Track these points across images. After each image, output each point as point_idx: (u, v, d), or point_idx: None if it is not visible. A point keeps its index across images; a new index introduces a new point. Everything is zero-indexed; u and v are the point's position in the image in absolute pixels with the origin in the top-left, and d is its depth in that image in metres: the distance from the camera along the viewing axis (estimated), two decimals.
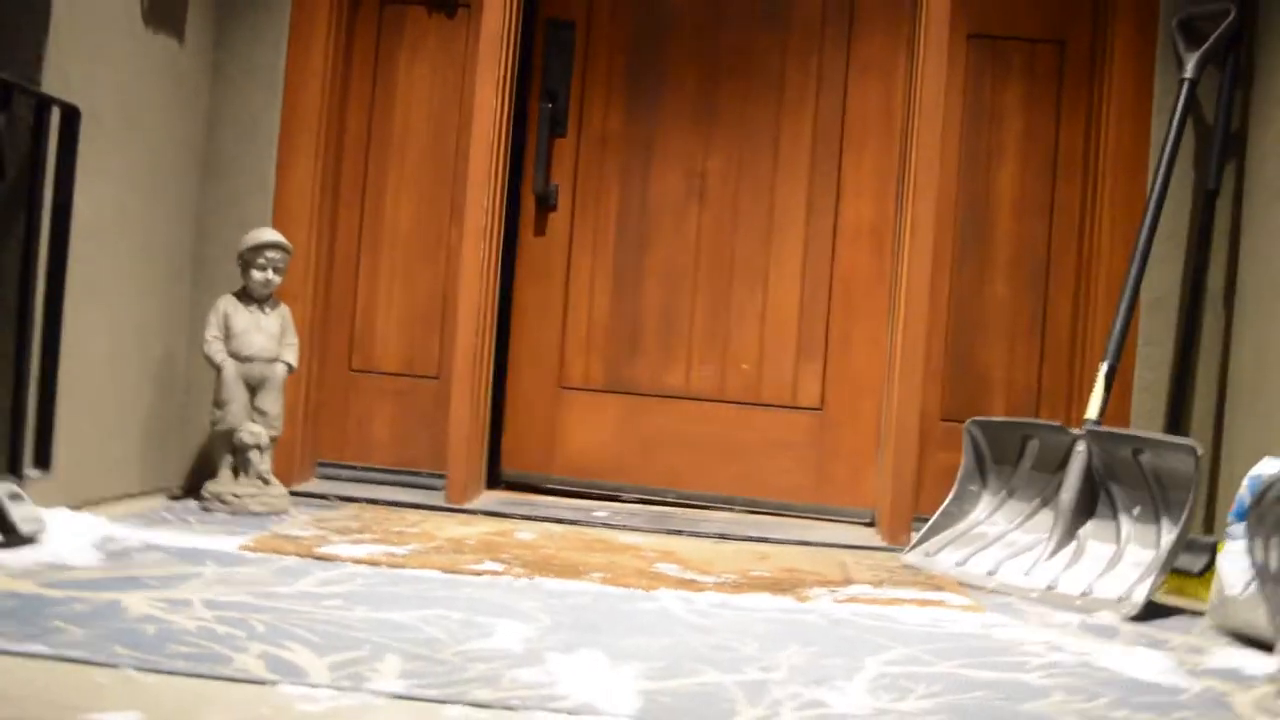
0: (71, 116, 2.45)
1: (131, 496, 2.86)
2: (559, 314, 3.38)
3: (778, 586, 2.30)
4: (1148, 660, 1.92)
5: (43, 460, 2.42)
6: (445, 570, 2.24)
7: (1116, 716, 1.58)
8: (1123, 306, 2.68)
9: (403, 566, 2.25)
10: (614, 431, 3.34)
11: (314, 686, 1.48)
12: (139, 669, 1.50)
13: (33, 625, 1.65)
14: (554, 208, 3.38)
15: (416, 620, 1.85)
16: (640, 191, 3.35)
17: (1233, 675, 1.87)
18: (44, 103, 2.40)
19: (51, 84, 2.43)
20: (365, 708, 1.42)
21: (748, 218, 3.30)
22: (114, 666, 1.50)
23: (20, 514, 2.20)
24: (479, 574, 2.24)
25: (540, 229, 3.39)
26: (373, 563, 2.27)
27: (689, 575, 2.36)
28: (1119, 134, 3.04)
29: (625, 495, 3.29)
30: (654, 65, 3.36)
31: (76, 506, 2.49)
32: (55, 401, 2.45)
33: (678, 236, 3.33)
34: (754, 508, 3.25)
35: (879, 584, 2.41)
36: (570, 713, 1.45)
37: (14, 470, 2.35)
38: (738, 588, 2.27)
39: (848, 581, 2.41)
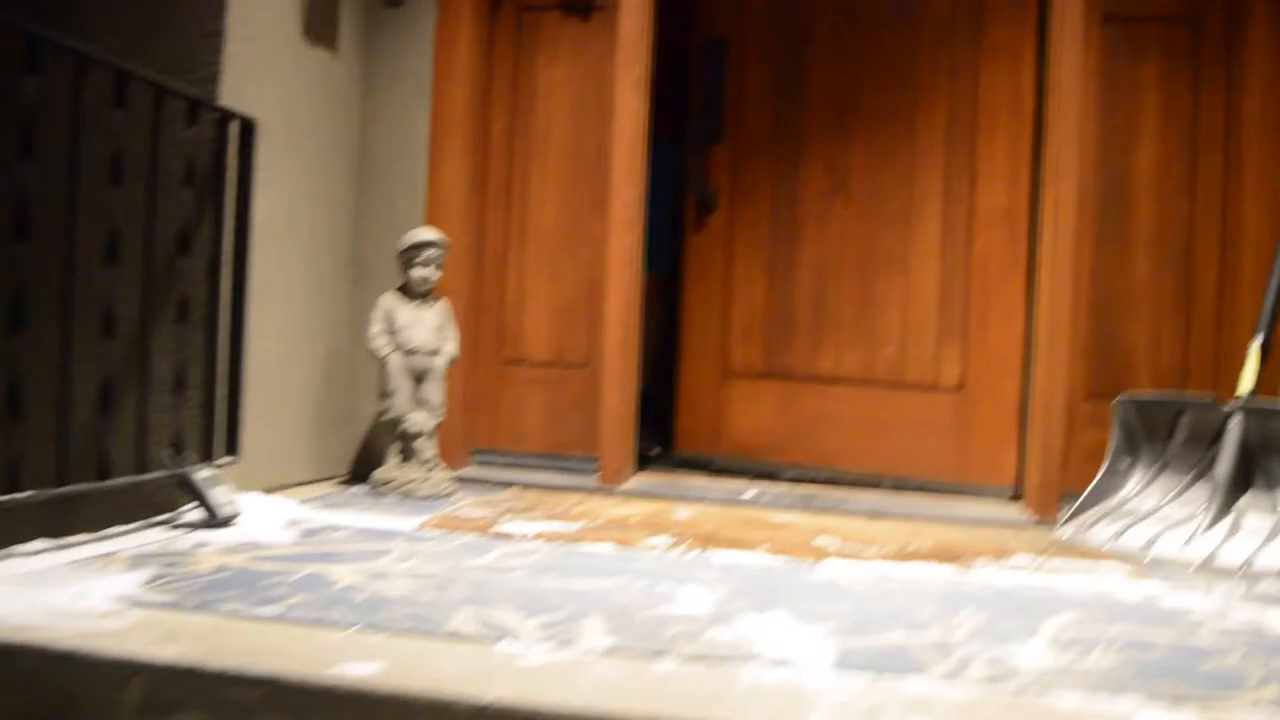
0: (249, 128, 2.61)
1: (305, 483, 3.02)
2: (721, 306, 3.55)
3: (939, 558, 2.36)
4: None
5: (232, 447, 2.59)
6: (618, 545, 2.34)
7: None
8: (1274, 281, 2.67)
9: (577, 541, 2.36)
10: (772, 414, 3.46)
11: (529, 644, 1.59)
12: (365, 628, 1.62)
13: (255, 594, 1.79)
14: (713, 209, 3.54)
15: (603, 588, 1.95)
16: (789, 189, 3.48)
17: None
18: (225, 117, 2.56)
19: (226, 98, 2.59)
20: (580, 663, 1.52)
21: (887, 207, 3.37)
22: (342, 627, 1.63)
23: (219, 498, 2.37)
24: (651, 548, 2.33)
25: (701, 228, 3.55)
26: (548, 538, 2.38)
27: (850, 548, 2.43)
28: (1260, 108, 3.03)
29: (784, 474, 3.41)
30: (797, 72, 3.49)
31: (264, 491, 2.66)
32: (242, 393, 2.60)
33: (823, 229, 3.44)
34: (900, 485, 3.32)
35: (1038, 555, 2.45)
36: (776, 663, 1.54)
37: (208, 455, 2.51)
38: (900, 558, 2.33)
39: (1006, 553, 2.46)
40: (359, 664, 1.45)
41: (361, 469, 3.18)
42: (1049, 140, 3.03)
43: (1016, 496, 3.21)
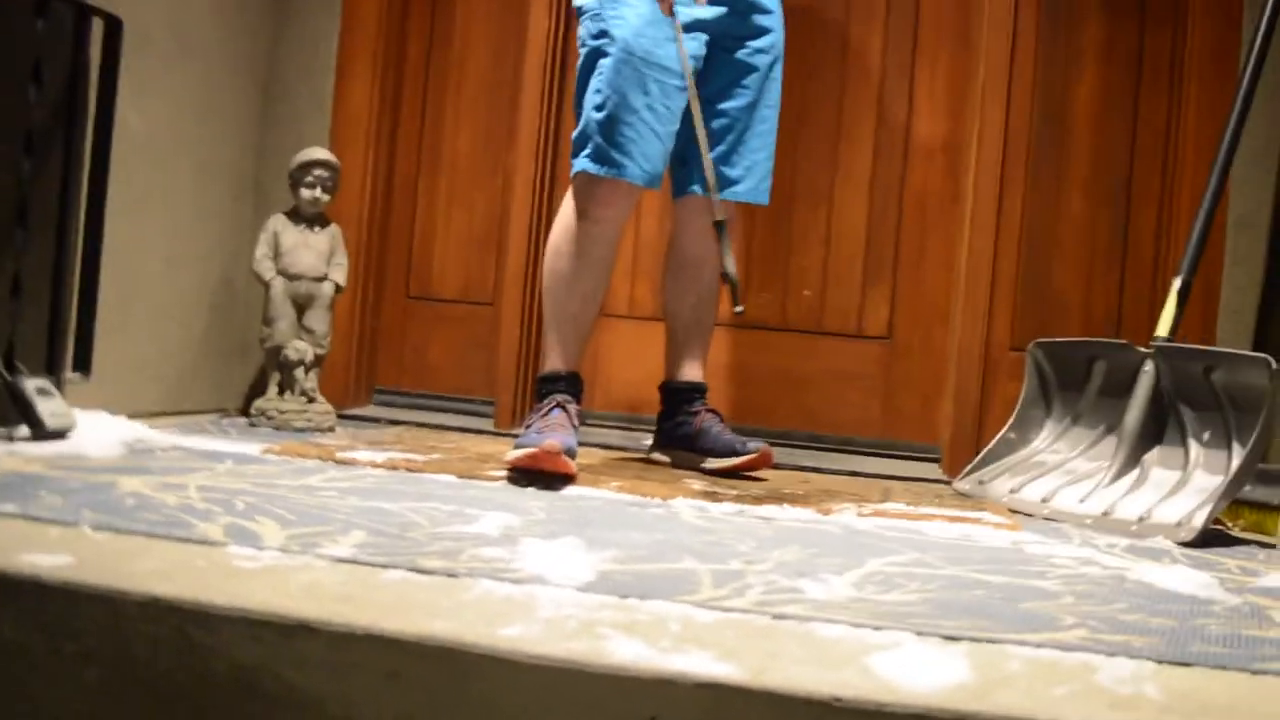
0: (114, 28, 2.47)
1: (191, 413, 2.89)
2: None
3: (803, 501, 2.18)
4: (1188, 576, 1.74)
5: (82, 365, 2.45)
6: (460, 475, 2.18)
7: (1128, 620, 1.43)
8: (1200, 219, 2.45)
9: (420, 471, 2.21)
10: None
11: (261, 550, 1.44)
12: (94, 528, 1.48)
13: (17, 495, 1.64)
14: None
15: (404, 509, 1.79)
16: None
17: None
18: (84, 12, 2.41)
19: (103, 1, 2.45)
20: (305, 567, 1.38)
21: (811, 130, 3.11)
22: (72, 524, 1.49)
23: (49, 409, 2.22)
24: (494, 479, 2.18)
25: None
26: (391, 467, 2.23)
27: (715, 489, 2.26)
28: (1206, 36, 2.77)
29: None
30: None
31: (145, 418, 2.51)
32: (95, 309, 2.47)
33: None
34: (814, 443, 3.08)
35: (915, 503, 2.27)
36: (516, 582, 1.38)
37: (52, 371, 2.37)
38: (759, 500, 2.16)
39: (883, 501, 2.27)
40: (47, 555, 1.31)
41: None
42: (980, 65, 2.82)
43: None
